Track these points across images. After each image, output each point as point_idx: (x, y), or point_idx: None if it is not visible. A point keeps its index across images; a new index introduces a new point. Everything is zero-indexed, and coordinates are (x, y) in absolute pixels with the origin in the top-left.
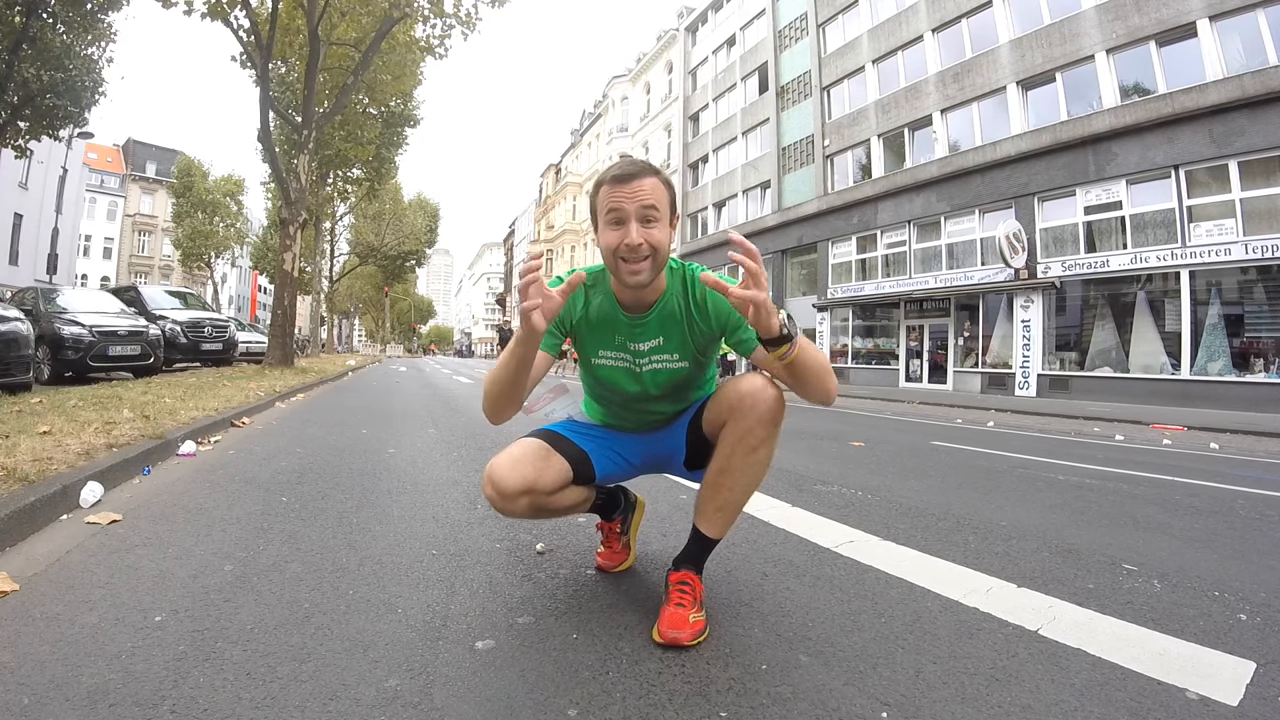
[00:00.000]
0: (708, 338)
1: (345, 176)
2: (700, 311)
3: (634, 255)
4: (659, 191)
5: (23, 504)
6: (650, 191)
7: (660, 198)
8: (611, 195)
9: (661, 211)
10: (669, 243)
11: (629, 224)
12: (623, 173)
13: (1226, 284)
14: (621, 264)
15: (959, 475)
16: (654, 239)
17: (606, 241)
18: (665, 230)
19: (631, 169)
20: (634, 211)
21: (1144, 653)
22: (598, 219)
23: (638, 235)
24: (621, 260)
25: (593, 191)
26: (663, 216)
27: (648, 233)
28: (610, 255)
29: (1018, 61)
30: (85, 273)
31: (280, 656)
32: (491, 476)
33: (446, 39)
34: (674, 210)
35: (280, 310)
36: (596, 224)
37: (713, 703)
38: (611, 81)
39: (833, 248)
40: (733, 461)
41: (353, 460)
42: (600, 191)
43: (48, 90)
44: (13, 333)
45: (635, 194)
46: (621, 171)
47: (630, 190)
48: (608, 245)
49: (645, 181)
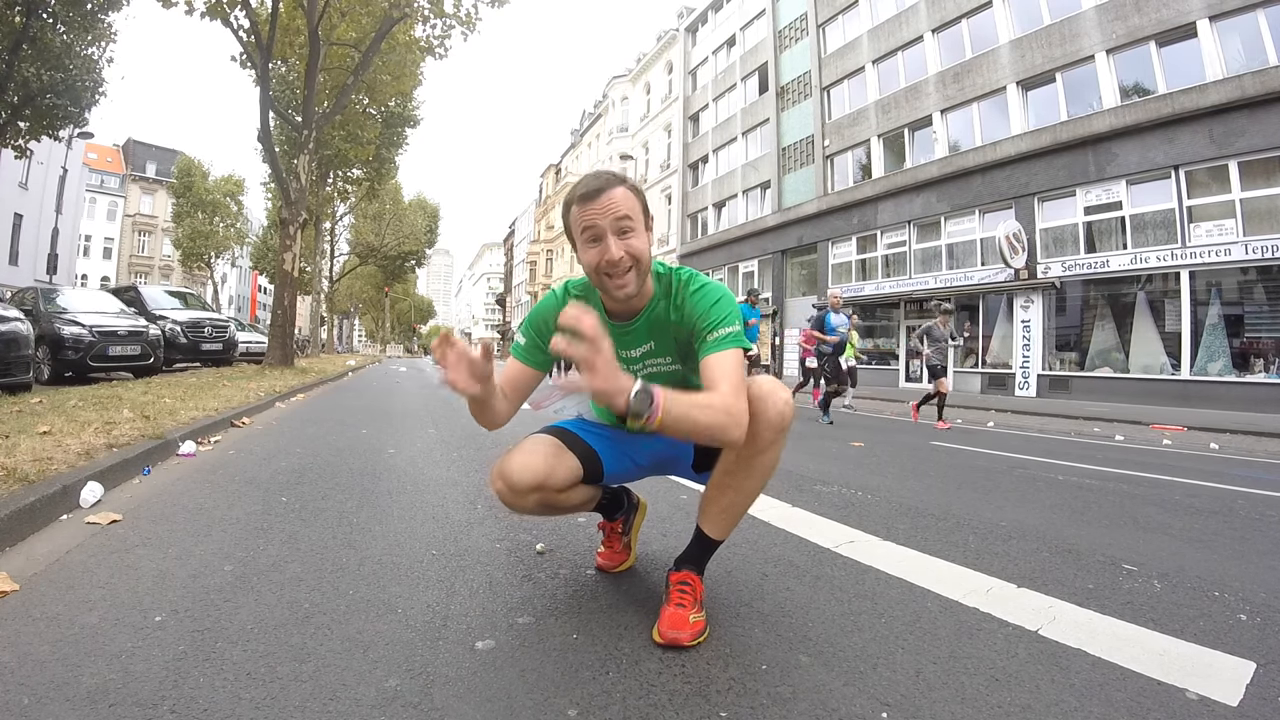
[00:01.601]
0: (686, 340)
1: (345, 176)
2: (678, 314)
3: (617, 269)
4: (629, 200)
5: (23, 504)
6: (621, 202)
7: (632, 206)
8: (584, 214)
9: (636, 219)
10: (649, 248)
11: (606, 239)
12: (589, 189)
13: (1226, 284)
14: (606, 280)
15: (959, 475)
16: (633, 249)
17: (588, 260)
18: (643, 237)
19: (597, 184)
20: (609, 225)
21: (1144, 653)
22: (574, 238)
23: (617, 249)
24: (606, 276)
25: (564, 212)
26: (638, 224)
27: (626, 244)
28: (594, 273)
29: (1018, 62)
30: (85, 273)
31: (280, 656)
32: (503, 471)
33: (446, 39)
34: (648, 214)
35: (280, 310)
36: (574, 243)
37: (713, 703)
38: (611, 82)
39: (833, 248)
40: (739, 464)
41: (353, 460)
42: (571, 212)
43: (48, 90)
44: (13, 333)
45: (607, 208)
46: (588, 189)
47: (601, 206)
48: (589, 263)
49: (615, 193)
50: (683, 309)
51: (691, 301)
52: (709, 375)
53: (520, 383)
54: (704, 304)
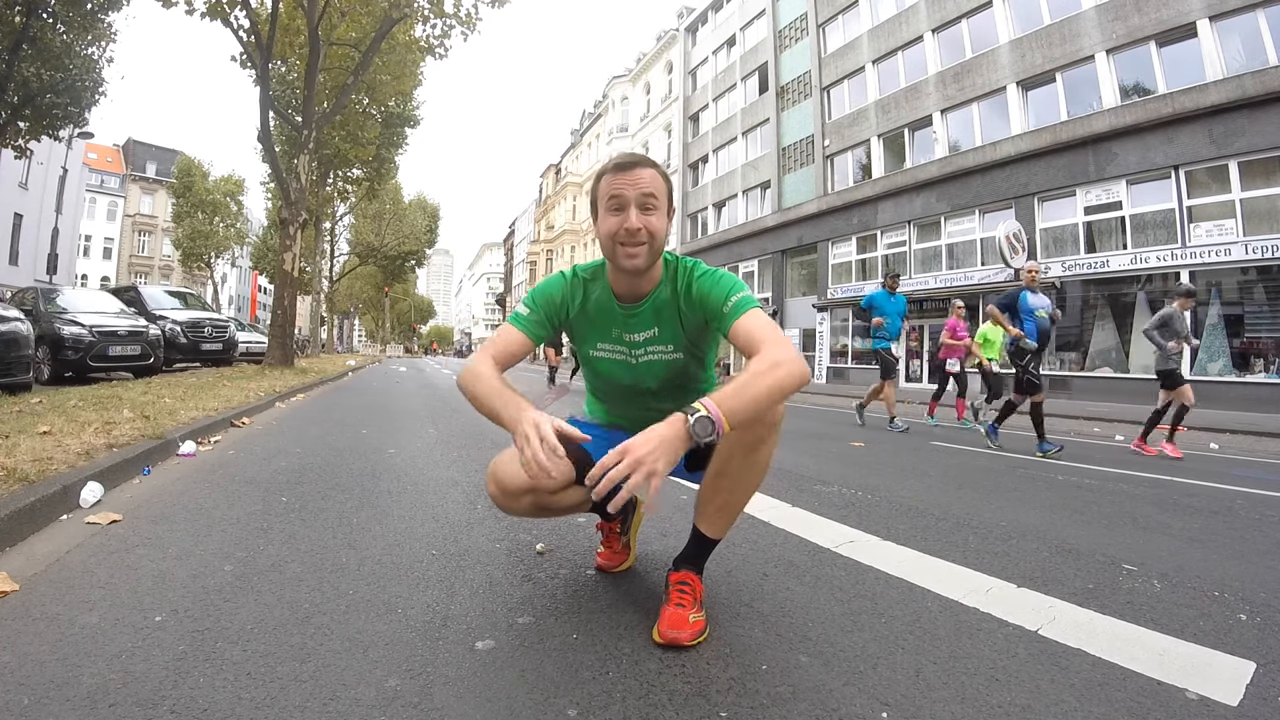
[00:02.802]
0: (697, 328)
1: (345, 176)
2: (687, 301)
3: (632, 239)
4: (658, 182)
5: (23, 504)
6: (650, 181)
7: (659, 188)
8: (613, 183)
9: (660, 201)
10: (665, 232)
11: (628, 209)
12: (623, 162)
13: (1226, 284)
14: (620, 248)
15: (959, 475)
16: (652, 225)
17: (607, 228)
18: (663, 219)
19: (632, 160)
20: (634, 198)
21: (1144, 653)
22: (598, 208)
23: (637, 220)
24: (620, 245)
25: (593, 183)
26: (661, 206)
27: (646, 219)
28: (609, 240)
29: (1018, 62)
30: (85, 273)
31: (280, 656)
32: (495, 475)
33: (446, 39)
34: (670, 203)
35: (280, 310)
36: (596, 214)
37: (713, 703)
38: (611, 82)
39: (833, 248)
40: (732, 462)
41: (353, 460)
42: (601, 181)
43: (48, 90)
44: (13, 333)
45: (636, 182)
46: (622, 161)
47: (631, 178)
48: (607, 231)
49: (645, 172)
50: (692, 294)
51: (699, 285)
52: (742, 340)
53: (515, 351)
54: (709, 285)
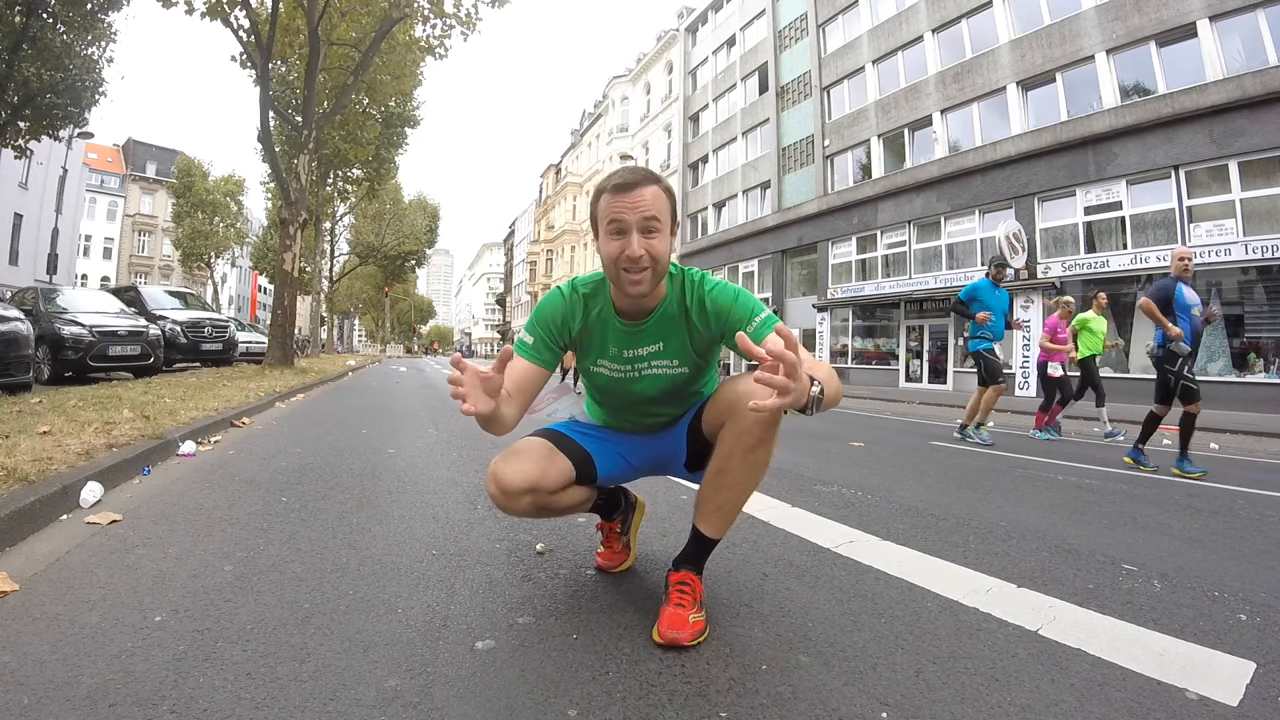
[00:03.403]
0: (708, 341)
1: (345, 176)
2: (700, 315)
3: (635, 266)
4: (660, 201)
5: (23, 504)
6: (651, 202)
7: (661, 207)
8: (613, 205)
9: (662, 221)
10: (669, 252)
11: (630, 235)
12: (624, 181)
13: (1227, 284)
14: (623, 274)
15: (959, 475)
16: (655, 250)
17: (608, 251)
18: (666, 240)
19: (632, 178)
20: (635, 222)
21: (1144, 653)
22: (598, 227)
23: (639, 247)
24: (623, 271)
25: (593, 198)
26: (663, 226)
27: (649, 244)
28: (611, 265)
29: (1018, 62)
30: (85, 273)
31: (280, 656)
32: (495, 475)
33: (446, 39)
34: (674, 219)
35: (280, 310)
36: (597, 231)
37: (713, 703)
38: (611, 82)
39: (833, 248)
40: (731, 461)
41: (353, 460)
42: (601, 200)
43: (48, 90)
44: (13, 333)
45: (636, 205)
46: (623, 180)
47: (631, 201)
48: (609, 255)
49: (646, 191)
50: (706, 309)
51: (715, 299)
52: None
53: (527, 382)
54: (727, 300)
